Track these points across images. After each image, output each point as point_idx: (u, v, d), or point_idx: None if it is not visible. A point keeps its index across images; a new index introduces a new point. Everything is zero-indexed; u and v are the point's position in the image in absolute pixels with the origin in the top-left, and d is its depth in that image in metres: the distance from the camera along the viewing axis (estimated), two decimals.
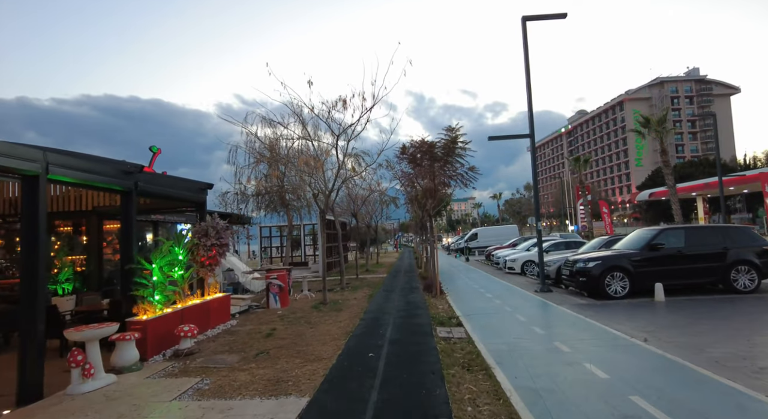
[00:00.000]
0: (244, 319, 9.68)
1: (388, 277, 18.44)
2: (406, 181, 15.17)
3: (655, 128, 28.46)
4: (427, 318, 8.72)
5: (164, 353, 6.59)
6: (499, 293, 12.29)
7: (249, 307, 10.96)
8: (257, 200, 16.81)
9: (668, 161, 28.72)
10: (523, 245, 21.15)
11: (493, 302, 10.69)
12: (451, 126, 11.41)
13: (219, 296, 8.88)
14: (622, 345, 6.12)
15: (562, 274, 11.85)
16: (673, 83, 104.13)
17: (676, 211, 28.11)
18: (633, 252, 10.49)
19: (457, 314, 9.12)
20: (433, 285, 12.09)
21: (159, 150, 11.95)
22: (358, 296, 12.58)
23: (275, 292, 11.02)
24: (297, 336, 7.64)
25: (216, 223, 8.66)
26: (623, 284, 10.22)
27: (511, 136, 12.57)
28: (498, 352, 6.03)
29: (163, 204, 9.72)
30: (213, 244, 8.44)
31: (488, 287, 13.81)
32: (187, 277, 7.77)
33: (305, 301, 12.01)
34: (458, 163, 11.81)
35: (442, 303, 10.72)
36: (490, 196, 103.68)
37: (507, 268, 17.90)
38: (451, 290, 13.23)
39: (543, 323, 7.98)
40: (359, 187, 17.85)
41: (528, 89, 12.28)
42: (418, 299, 11.29)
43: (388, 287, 14.64)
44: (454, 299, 11.26)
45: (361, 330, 7.83)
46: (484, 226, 71.71)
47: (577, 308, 9.31)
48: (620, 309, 9.02)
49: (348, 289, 14.28)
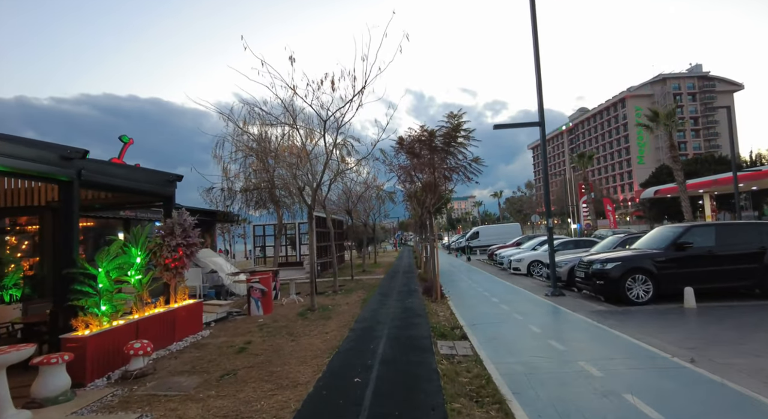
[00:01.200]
0: (219, 329, 8.57)
1: (385, 278, 17.33)
2: (404, 175, 14.06)
3: (663, 121, 27.35)
4: (426, 328, 7.61)
5: (110, 375, 5.47)
6: (505, 297, 11.18)
7: (228, 314, 9.85)
8: (245, 196, 15.73)
9: (677, 157, 27.64)
10: (528, 244, 20.05)
11: (500, 308, 9.57)
12: (453, 113, 10.28)
13: (189, 303, 7.76)
14: (665, 366, 5.01)
15: (576, 276, 10.74)
16: (675, 80, 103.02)
17: (686, 208, 27.01)
18: (656, 252, 9.37)
19: (461, 323, 8.01)
20: (434, 288, 10.98)
21: (131, 140, 10.84)
22: (350, 300, 11.46)
23: (257, 297, 9.91)
24: (274, 352, 6.53)
25: (183, 219, 7.54)
26: (646, 287, 9.11)
27: (520, 124, 11.45)
28: (513, 376, 4.92)
29: (127, 199, 8.60)
30: (179, 244, 7.32)
31: (493, 290, 12.70)
32: (146, 282, 6.66)
33: (292, 306, 10.90)
34: (461, 154, 10.69)
35: (443, 309, 9.62)
36: (490, 194, 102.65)
37: (512, 269, 16.79)
38: (452, 293, 12.12)
39: (561, 335, 6.86)
40: (354, 182, 16.73)
41: (537, 72, 11.16)
42: (416, 305, 10.19)
43: (385, 290, 13.53)
44: (457, 305, 10.15)
45: (349, 345, 6.72)
46: (485, 224, 70.60)
47: (596, 316, 8.19)
48: (647, 318, 7.90)
49: (341, 292, 13.17)
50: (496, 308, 9.50)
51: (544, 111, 11.22)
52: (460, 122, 10.10)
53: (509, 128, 11.52)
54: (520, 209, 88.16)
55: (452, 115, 10.25)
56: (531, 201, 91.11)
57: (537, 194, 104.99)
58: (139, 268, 6.61)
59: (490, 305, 9.96)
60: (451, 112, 10.26)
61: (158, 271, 7.37)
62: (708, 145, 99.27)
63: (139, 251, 6.64)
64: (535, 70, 11.16)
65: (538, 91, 11.19)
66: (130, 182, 7.08)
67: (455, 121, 10.15)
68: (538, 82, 11.17)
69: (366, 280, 16.84)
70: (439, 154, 10.62)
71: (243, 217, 20.93)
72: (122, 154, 10.63)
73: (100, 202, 8.52)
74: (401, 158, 13.23)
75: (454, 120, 10.23)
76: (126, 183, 7.00)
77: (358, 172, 15.18)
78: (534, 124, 11.26)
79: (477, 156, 10.55)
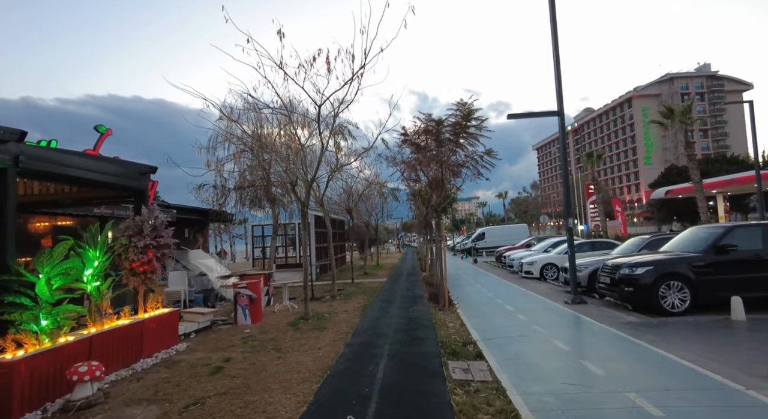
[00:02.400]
0: (198, 341, 7.56)
1: (388, 282, 16.29)
2: (408, 171, 13.03)
3: (679, 118, 26.21)
4: (434, 343, 6.58)
5: (46, 407, 4.46)
6: (520, 304, 10.12)
7: (212, 323, 8.84)
8: (240, 194, 14.74)
9: (693, 155, 26.47)
10: (539, 246, 18.96)
11: (517, 318, 8.52)
12: (463, 100, 9.25)
13: (161, 313, 6.76)
14: (743, 404, 3.95)
15: (599, 282, 9.67)
16: (683, 79, 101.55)
17: (702, 208, 25.85)
18: (693, 256, 8.30)
19: (474, 337, 6.96)
20: (441, 294, 9.95)
21: (108, 131, 9.85)
22: (349, 307, 10.44)
23: (244, 304, 8.90)
24: (255, 373, 5.51)
25: (154, 217, 6.54)
26: (682, 295, 8.04)
27: (537, 113, 10.40)
28: (547, 414, 3.88)
29: (94, 193, 7.62)
30: (148, 245, 6.31)
31: (505, 296, 11.64)
32: (104, 290, 5.66)
33: (284, 314, 9.88)
34: (471, 146, 9.65)
35: (452, 319, 8.58)
36: (494, 195, 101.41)
37: (524, 272, 15.72)
38: (461, 299, 11.07)
39: (594, 354, 5.80)
40: (354, 179, 15.71)
41: (555, 55, 10.12)
42: (422, 314, 9.15)
43: (387, 295, 12.49)
44: (467, 314, 9.11)
45: (343, 365, 5.69)
46: (489, 225, 69.39)
47: (629, 328, 7.13)
48: (691, 332, 6.83)
49: (339, 297, 12.15)
50: (512, 319, 8.45)
51: (563, 99, 10.17)
52: (471, 109, 9.06)
53: (524, 117, 10.49)
54: (525, 210, 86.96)
55: (462, 102, 9.22)
56: (537, 202, 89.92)
57: (542, 195, 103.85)
58: (97, 273, 5.62)
59: (505, 315, 8.91)
60: (461, 98, 9.23)
61: (124, 276, 6.37)
62: (717, 145, 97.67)
63: (98, 254, 5.64)
64: (553, 52, 10.12)
65: (557, 76, 10.14)
66: (90, 174, 6.08)
67: (465, 109, 9.11)
68: (556, 67, 10.12)
69: (367, 284, 15.81)
70: (447, 146, 9.59)
71: (240, 217, 20.03)
72: (98, 145, 9.65)
73: (66, 197, 7.55)
74: (405, 152, 12.24)
75: (464, 108, 9.19)
76: (85, 174, 6.00)
77: (359, 168, 14.14)
78: (552, 113, 10.21)
79: (490, 148, 9.52)
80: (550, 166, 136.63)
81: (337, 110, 8.14)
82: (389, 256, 42.34)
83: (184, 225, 15.25)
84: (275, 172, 12.08)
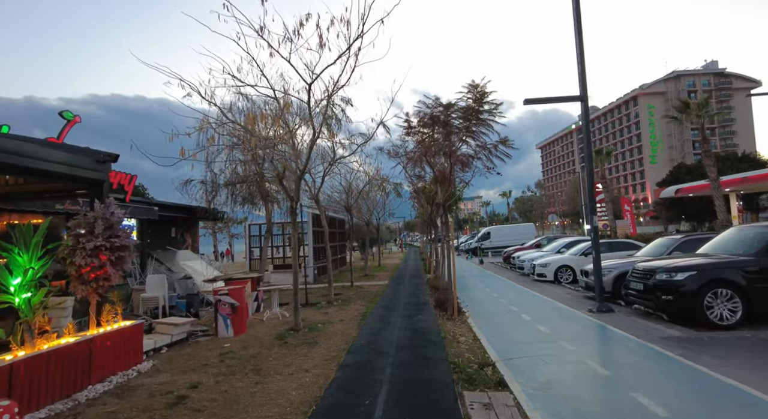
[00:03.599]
0: (168, 358, 6.47)
1: (390, 285, 15.19)
2: (412, 165, 11.93)
3: (696, 112, 24.99)
4: (444, 365, 5.47)
5: None
6: (538, 312, 9.00)
7: (189, 335, 7.76)
8: (231, 190, 13.64)
9: (710, 151, 25.21)
10: (551, 247, 17.81)
11: (537, 330, 7.40)
12: (474, 81, 8.12)
13: (120, 327, 5.67)
14: None
15: (629, 288, 8.53)
16: (690, 77, 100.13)
17: (720, 207, 24.61)
18: (745, 259, 7.16)
19: (492, 356, 5.85)
20: (449, 302, 8.84)
21: (76, 118, 8.80)
22: (346, 315, 9.34)
23: (226, 314, 7.80)
24: (224, 406, 4.42)
25: (109, 213, 5.44)
26: (732, 306, 6.91)
27: (557, 98, 9.26)
28: None
29: (44, 186, 6.53)
30: (99, 247, 5.22)
31: (520, 302, 10.52)
32: (36, 303, 4.57)
33: (273, 324, 8.79)
34: (483, 134, 8.53)
35: (463, 331, 7.47)
36: (498, 194, 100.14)
37: (536, 275, 14.58)
38: (471, 306, 9.96)
39: (644, 382, 4.67)
40: (353, 174, 14.60)
41: (578, 34, 8.99)
42: (428, 324, 8.05)
43: (389, 300, 11.39)
44: (480, 324, 7.99)
45: (333, 396, 4.58)
46: (493, 225, 68.16)
47: (675, 346, 6.00)
48: (756, 352, 5.69)
49: (337, 303, 11.05)
50: (533, 331, 7.33)
51: (586, 83, 9.04)
52: (484, 92, 7.93)
53: (542, 102, 9.37)
54: (530, 209, 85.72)
55: (474, 84, 8.09)
56: (541, 201, 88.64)
57: (547, 194, 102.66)
58: (28, 282, 4.53)
59: (523, 326, 7.79)
60: (472, 81, 8.10)
61: (71, 284, 5.28)
62: (724, 144, 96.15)
63: (30, 259, 4.56)
64: (575, 31, 9.00)
65: (579, 58, 9.01)
66: (26, 160, 4.99)
67: (478, 91, 7.98)
68: (578, 47, 9.00)
69: (367, 287, 14.70)
70: (456, 135, 8.47)
71: (232, 215, 18.94)
72: (63, 134, 8.60)
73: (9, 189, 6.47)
74: (408, 145, 11.16)
75: (476, 90, 8.06)
76: (19, 162, 4.91)
77: (359, 163, 13.03)
78: (574, 98, 9.07)
79: (505, 137, 8.39)
80: (554, 165, 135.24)
81: (332, 92, 7.04)
82: (391, 256, 41.25)
83: (170, 224, 14.19)
84: (268, 167, 10.99)
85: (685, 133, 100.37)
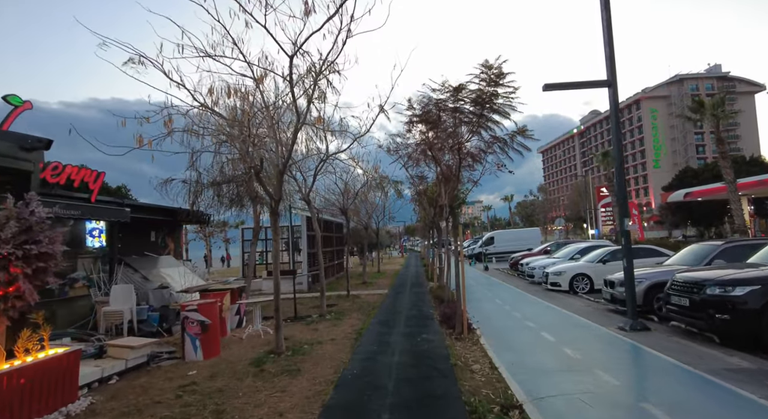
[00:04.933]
0: (115, 392, 5.23)
1: (390, 295, 13.94)
2: (414, 163, 10.76)
3: (711, 111, 23.86)
4: (456, 406, 4.24)
5: None
6: (561, 330, 7.77)
7: (152, 357, 6.52)
8: (217, 190, 12.42)
9: (726, 153, 24.10)
10: (563, 252, 16.58)
11: (566, 354, 6.17)
12: (488, 61, 6.93)
13: (46, 357, 4.45)
14: None
15: (670, 303, 7.29)
16: (693, 81, 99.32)
17: (737, 211, 23.42)
18: None
19: (516, 393, 4.61)
20: (457, 318, 7.60)
21: (26, 104, 7.58)
22: (339, 333, 8.09)
23: (194, 333, 6.57)
24: None
25: (28, 212, 4.23)
26: None
27: (581, 83, 8.05)
28: None
29: None
30: (8, 257, 3.99)
31: (536, 316, 9.28)
32: None
33: (253, 343, 7.55)
34: (497, 124, 7.33)
35: (476, 356, 6.23)
36: (499, 199, 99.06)
37: (549, 284, 13.34)
38: (482, 321, 8.71)
39: None
40: (349, 174, 13.39)
41: (605, 10, 7.82)
42: (434, 346, 6.81)
43: (388, 314, 10.15)
44: (495, 346, 6.76)
45: None
46: (495, 229, 66.85)
47: (747, 381, 4.76)
48: None
49: (329, 316, 9.81)
50: (560, 355, 6.10)
51: (615, 66, 7.87)
52: (501, 72, 6.73)
53: (564, 89, 8.18)
54: (531, 213, 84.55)
55: (488, 64, 6.89)
56: (543, 206, 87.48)
57: (549, 198, 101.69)
58: None
59: (547, 349, 6.56)
60: (486, 60, 6.90)
61: None
62: (728, 148, 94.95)
63: None
64: (601, 7, 7.83)
65: (607, 37, 7.84)
66: None
67: (493, 72, 6.78)
68: (606, 25, 7.83)
69: (365, 297, 13.45)
70: (467, 125, 7.28)
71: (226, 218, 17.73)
72: (8, 121, 7.40)
73: None
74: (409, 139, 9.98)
75: (491, 71, 6.85)
76: None
77: (355, 159, 11.82)
78: (600, 83, 7.89)
79: (524, 126, 7.19)
80: (556, 169, 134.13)
81: (320, 68, 5.85)
82: (391, 261, 39.97)
83: (150, 227, 12.97)
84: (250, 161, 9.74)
85: (689, 137, 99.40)
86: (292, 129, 6.17)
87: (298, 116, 5.79)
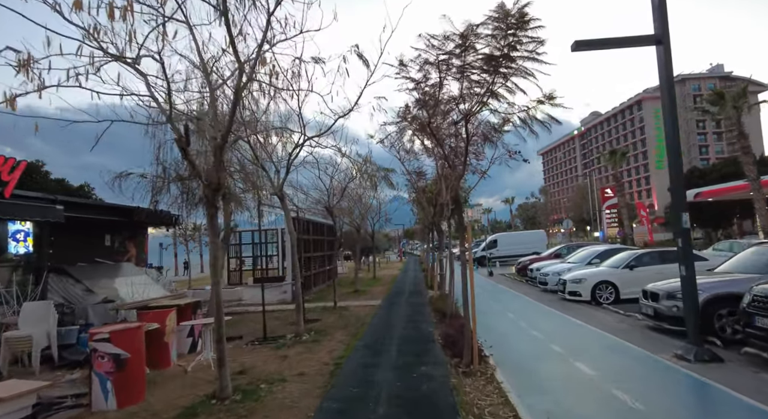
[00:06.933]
0: None
1: (384, 306, 12.10)
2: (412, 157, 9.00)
3: (732, 103, 22.19)
4: None
5: None
6: (600, 359, 5.97)
7: (48, 405, 4.69)
8: (184, 187, 10.61)
9: (748, 148, 22.44)
10: (577, 257, 14.77)
11: (618, 400, 4.36)
12: (505, 6, 5.16)
13: None
14: None
15: (755, 326, 5.47)
16: (695, 81, 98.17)
17: (761, 210, 21.70)
18: None
19: None
20: (465, 342, 5.78)
21: None
22: (311, 364, 6.25)
23: (106, 372, 4.76)
24: None
25: None
26: None
27: (621, 39, 6.23)
28: None
29: None
30: None
31: (562, 337, 7.47)
32: None
33: (196, 380, 5.73)
34: (519, 90, 5.55)
35: (494, 404, 4.42)
36: (500, 201, 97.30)
37: (567, 292, 11.53)
38: (496, 346, 6.82)
39: None
40: (334, 167, 11.60)
41: None
42: (435, 386, 4.99)
43: (378, 333, 8.32)
44: (518, 386, 4.94)
45: None
46: (495, 232, 64.98)
47: None
48: None
49: (307, 337, 7.97)
50: (611, 403, 4.29)
51: (667, 18, 6.11)
52: (524, 16, 4.96)
53: (599, 47, 6.42)
54: (533, 215, 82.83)
55: (505, 9, 5.12)
56: (545, 208, 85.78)
57: (551, 201, 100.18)
58: None
59: (590, 390, 4.76)
60: (502, 2, 5.14)
61: None
62: (732, 149, 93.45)
63: None
64: None
65: None
66: None
67: (513, 16, 5.01)
68: None
69: (354, 309, 11.61)
70: (479, 85, 5.51)
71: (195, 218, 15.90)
72: None
73: None
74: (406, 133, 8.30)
75: (508, 19, 5.09)
76: None
77: (338, 148, 10.02)
78: (646, 39, 6.12)
79: (551, 92, 5.41)
80: (557, 171, 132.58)
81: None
82: (389, 266, 38.10)
83: (103, 230, 11.15)
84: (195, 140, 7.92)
85: (691, 138, 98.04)
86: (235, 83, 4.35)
87: (239, 62, 3.99)
